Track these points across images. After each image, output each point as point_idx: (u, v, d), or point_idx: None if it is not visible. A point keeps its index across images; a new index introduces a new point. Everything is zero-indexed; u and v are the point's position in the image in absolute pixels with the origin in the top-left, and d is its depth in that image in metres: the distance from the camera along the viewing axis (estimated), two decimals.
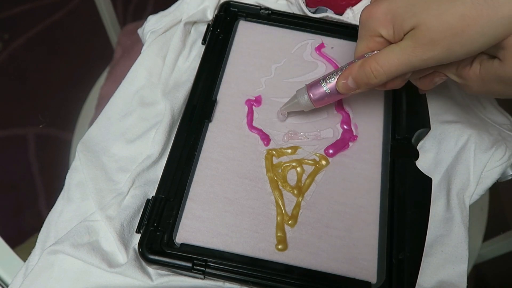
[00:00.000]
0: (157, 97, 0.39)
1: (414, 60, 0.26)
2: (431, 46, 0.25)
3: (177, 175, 0.33)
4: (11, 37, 0.77)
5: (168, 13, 0.42)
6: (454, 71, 0.29)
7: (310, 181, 0.34)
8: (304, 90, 0.33)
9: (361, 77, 0.29)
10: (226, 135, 0.35)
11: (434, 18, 0.24)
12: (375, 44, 0.28)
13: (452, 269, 0.32)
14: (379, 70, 0.27)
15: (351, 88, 0.30)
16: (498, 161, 0.35)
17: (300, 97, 0.33)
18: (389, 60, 0.27)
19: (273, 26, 0.42)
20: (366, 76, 0.28)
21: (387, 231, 0.32)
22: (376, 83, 0.29)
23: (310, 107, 0.33)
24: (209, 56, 0.39)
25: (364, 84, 0.29)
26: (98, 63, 0.72)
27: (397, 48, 0.26)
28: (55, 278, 0.31)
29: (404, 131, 0.36)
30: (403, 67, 0.27)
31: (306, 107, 0.34)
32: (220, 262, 0.30)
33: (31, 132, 0.70)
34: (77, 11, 0.81)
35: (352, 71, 0.29)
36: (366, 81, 0.29)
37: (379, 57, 0.27)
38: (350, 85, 0.30)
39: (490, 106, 0.40)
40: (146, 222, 0.31)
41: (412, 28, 0.25)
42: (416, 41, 0.25)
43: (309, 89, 0.33)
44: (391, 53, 0.27)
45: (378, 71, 0.28)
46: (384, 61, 0.27)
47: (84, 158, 0.35)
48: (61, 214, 0.34)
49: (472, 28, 0.23)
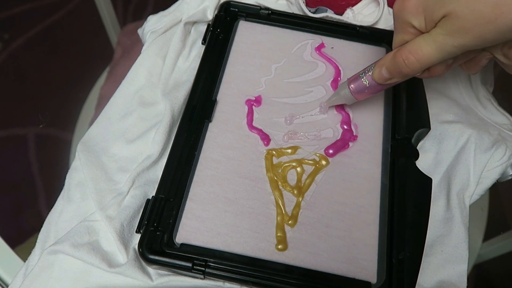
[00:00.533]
0: (157, 97, 0.39)
1: (445, 48, 0.26)
2: (462, 34, 0.25)
3: (177, 175, 0.33)
4: (11, 37, 0.77)
5: (168, 13, 0.42)
6: (500, 52, 0.29)
7: (310, 181, 0.34)
8: (345, 84, 0.34)
9: (394, 66, 0.29)
10: (226, 135, 0.35)
11: (465, 6, 0.24)
12: (409, 35, 0.29)
13: (452, 269, 0.32)
14: (410, 58, 0.28)
15: (385, 77, 0.31)
16: (498, 161, 0.35)
17: (341, 91, 0.34)
18: (421, 48, 0.27)
19: (273, 26, 0.42)
20: (398, 65, 0.29)
21: (387, 231, 0.32)
22: (409, 72, 0.29)
23: (352, 100, 0.34)
24: (209, 56, 0.39)
25: (397, 73, 0.30)
26: (98, 63, 0.72)
27: (428, 36, 0.27)
28: (55, 278, 0.31)
29: (404, 131, 0.36)
30: (435, 55, 0.27)
31: (349, 100, 0.34)
32: (220, 262, 0.30)
33: (31, 132, 0.69)
34: (77, 11, 0.81)
35: (386, 60, 0.30)
36: (399, 70, 0.29)
37: (411, 46, 0.28)
38: (384, 74, 0.31)
39: (490, 106, 0.40)
40: (146, 222, 0.31)
41: (442, 17, 0.26)
42: (447, 29, 0.26)
43: (350, 82, 0.34)
44: (422, 41, 0.27)
45: (409, 59, 0.28)
46: (415, 50, 0.28)
47: (84, 158, 0.35)
48: (61, 214, 0.34)
49: (506, 16, 0.23)
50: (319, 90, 0.38)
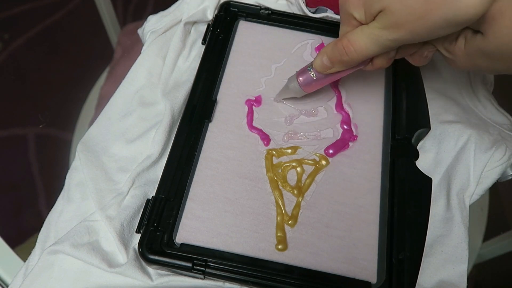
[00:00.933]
0: (157, 97, 0.39)
1: (381, 41, 0.27)
2: (396, 29, 0.26)
3: (177, 175, 0.33)
4: (11, 37, 0.77)
5: (168, 13, 0.42)
6: (442, 46, 0.29)
7: (310, 181, 0.34)
8: (294, 77, 0.35)
9: (334, 54, 0.30)
10: (226, 135, 0.35)
11: (398, 2, 0.25)
12: (351, 27, 0.30)
13: (452, 269, 0.32)
14: (349, 47, 0.29)
15: (326, 66, 0.31)
16: (498, 161, 0.35)
17: (290, 84, 0.35)
18: (358, 39, 0.28)
19: (273, 26, 0.42)
20: (338, 53, 0.30)
21: (387, 231, 0.32)
22: (348, 61, 0.30)
23: (301, 93, 0.35)
24: (209, 56, 0.39)
25: (337, 62, 0.31)
26: (98, 63, 0.72)
27: (366, 29, 0.28)
28: (55, 278, 0.31)
29: (404, 131, 0.36)
30: (371, 47, 0.28)
31: (297, 93, 0.35)
32: (220, 262, 0.30)
33: (31, 132, 0.70)
34: (77, 11, 0.81)
35: (327, 49, 0.31)
36: (339, 58, 0.30)
37: (350, 36, 0.29)
38: (325, 62, 0.31)
39: (490, 106, 0.40)
40: (146, 222, 0.31)
41: (380, 11, 0.26)
42: (382, 23, 0.26)
43: (298, 75, 0.34)
44: (360, 32, 0.28)
45: (349, 48, 0.29)
46: (354, 40, 0.29)
47: (84, 158, 0.35)
48: (61, 214, 0.34)
49: (435, 13, 0.24)
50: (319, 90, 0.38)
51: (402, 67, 0.38)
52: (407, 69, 0.38)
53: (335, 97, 0.38)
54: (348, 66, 0.31)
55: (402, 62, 0.33)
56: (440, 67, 0.41)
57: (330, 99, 0.38)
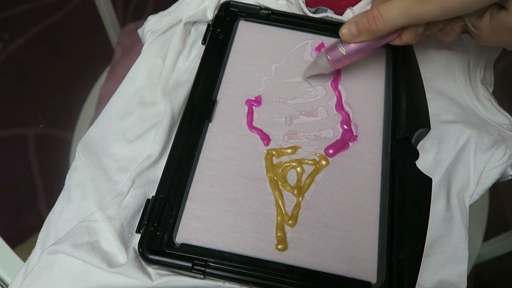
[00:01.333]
0: (157, 97, 0.39)
1: (410, 13, 0.28)
2: (425, 2, 0.27)
3: (177, 175, 0.33)
4: (11, 37, 0.77)
5: (168, 13, 0.42)
6: (469, 21, 0.30)
7: (310, 181, 0.34)
8: (323, 53, 0.35)
9: (363, 23, 0.31)
10: (226, 135, 0.35)
11: None
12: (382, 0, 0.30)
13: (452, 269, 0.32)
14: (378, 17, 0.30)
15: (353, 34, 0.32)
16: (498, 161, 0.35)
17: (319, 60, 0.35)
18: (388, 10, 0.29)
19: (273, 26, 0.42)
20: (367, 21, 0.30)
21: (387, 231, 0.32)
22: (375, 30, 0.30)
23: (330, 69, 0.35)
24: (209, 56, 0.39)
25: (365, 31, 0.31)
26: (98, 63, 0.72)
27: (397, 1, 0.29)
28: (55, 278, 0.31)
29: (404, 131, 0.36)
30: (400, 18, 0.29)
31: (326, 69, 0.36)
32: (220, 262, 0.30)
33: (31, 132, 0.70)
34: (77, 11, 0.81)
35: (357, 18, 0.31)
36: (367, 26, 0.31)
37: (381, 7, 0.30)
38: (353, 31, 0.32)
39: (490, 106, 0.40)
40: (146, 222, 0.31)
41: None
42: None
43: (327, 51, 0.35)
44: (391, 4, 0.29)
45: (378, 18, 0.30)
46: (384, 10, 0.29)
47: (84, 158, 0.35)
48: (61, 214, 0.34)
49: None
50: (320, 90, 0.38)
51: (402, 67, 0.38)
52: (407, 69, 0.38)
53: (335, 97, 0.38)
54: (375, 36, 0.31)
55: (402, 62, 0.33)
56: (440, 67, 0.41)
57: (330, 99, 0.38)
